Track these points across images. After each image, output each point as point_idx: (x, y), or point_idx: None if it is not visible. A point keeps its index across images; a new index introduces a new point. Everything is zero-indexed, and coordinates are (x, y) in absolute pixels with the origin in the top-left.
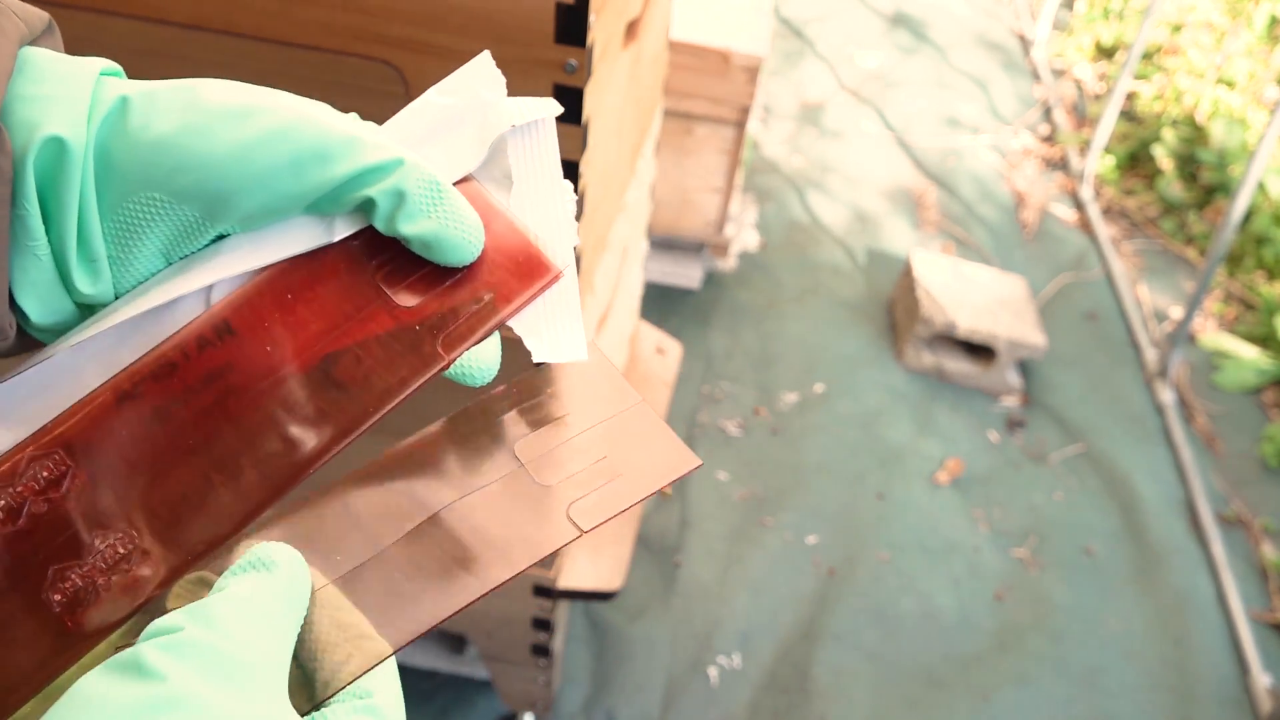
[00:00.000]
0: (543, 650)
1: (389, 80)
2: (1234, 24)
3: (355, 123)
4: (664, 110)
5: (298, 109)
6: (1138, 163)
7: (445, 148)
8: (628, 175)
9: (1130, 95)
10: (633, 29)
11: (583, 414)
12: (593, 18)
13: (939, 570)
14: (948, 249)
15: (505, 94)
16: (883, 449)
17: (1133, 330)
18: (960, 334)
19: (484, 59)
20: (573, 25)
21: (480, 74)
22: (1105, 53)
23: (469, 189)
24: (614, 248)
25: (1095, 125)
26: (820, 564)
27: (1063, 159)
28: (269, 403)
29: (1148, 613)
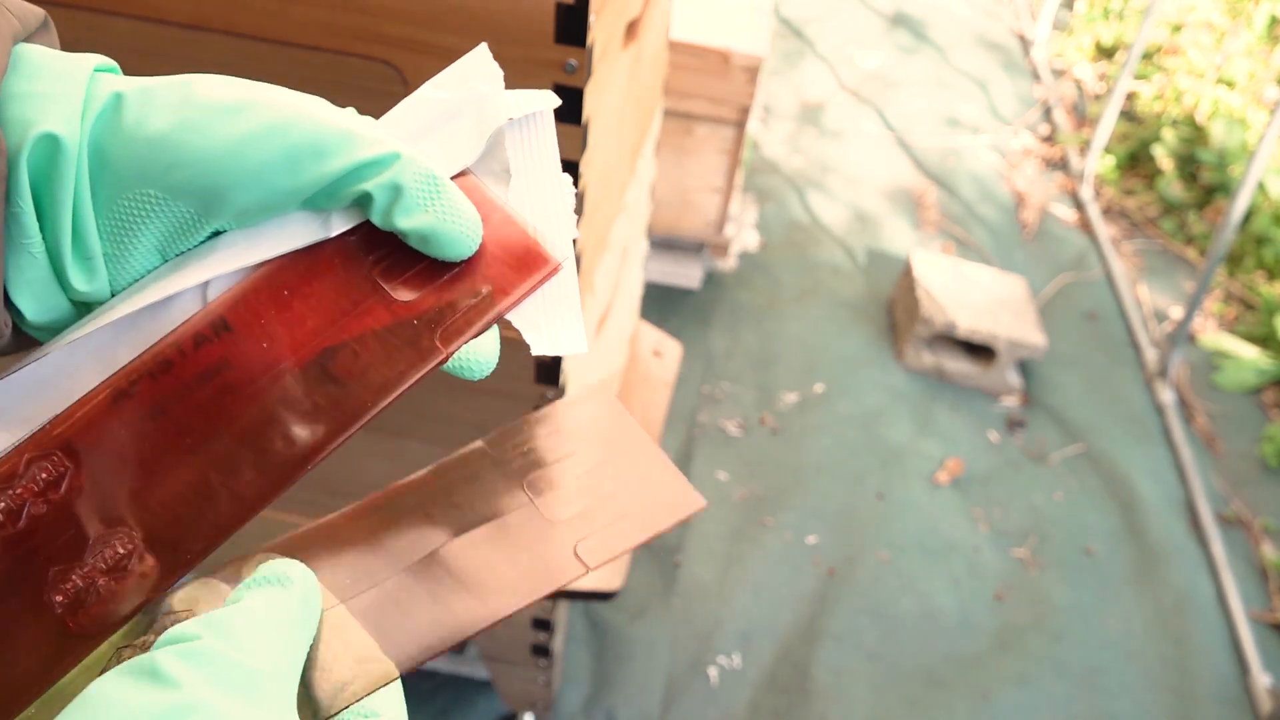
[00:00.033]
0: (543, 650)
1: (389, 80)
2: (1234, 24)
3: (351, 117)
4: (664, 110)
5: (293, 104)
6: (1138, 163)
7: (442, 142)
8: (628, 175)
9: (1130, 95)
10: (633, 29)
11: (591, 451)
12: (593, 18)
13: (939, 570)
14: (948, 249)
15: (503, 87)
16: (883, 449)
17: (1133, 330)
18: (960, 334)
19: (481, 52)
20: (573, 25)
21: (477, 67)
22: (1105, 53)
23: (466, 183)
24: (614, 248)
25: (1095, 125)
26: (820, 564)
27: (1063, 159)
28: (266, 399)
29: (1148, 613)
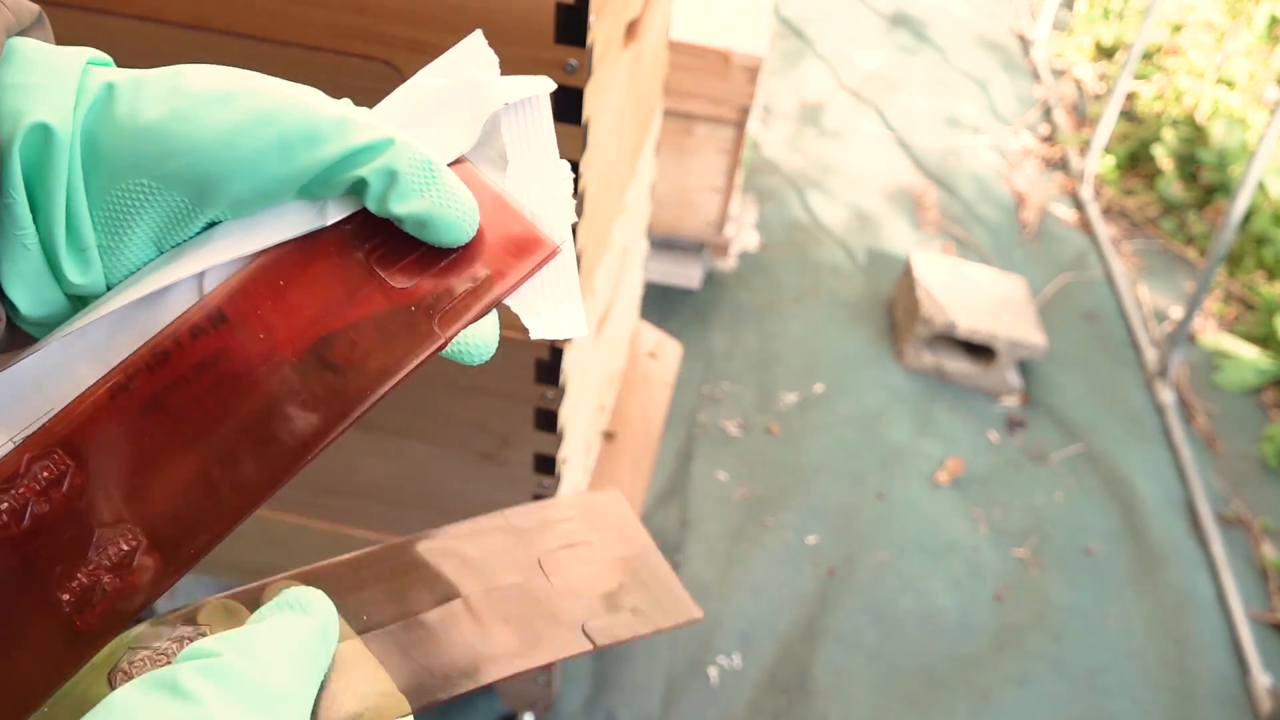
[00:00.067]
0: None
1: (389, 80)
2: (1234, 24)
3: (345, 105)
4: (664, 110)
5: (286, 92)
6: (1138, 163)
7: (438, 128)
8: (628, 175)
9: (1130, 95)
10: (633, 29)
11: (603, 545)
12: (593, 18)
13: (939, 570)
14: (948, 249)
15: (498, 73)
16: (883, 449)
17: (1133, 330)
18: (960, 334)
19: (476, 39)
20: (573, 25)
21: (472, 54)
22: (1105, 53)
23: (462, 169)
24: (614, 248)
25: (1095, 125)
26: (820, 564)
27: (1063, 159)
28: (265, 389)
29: (1148, 613)
